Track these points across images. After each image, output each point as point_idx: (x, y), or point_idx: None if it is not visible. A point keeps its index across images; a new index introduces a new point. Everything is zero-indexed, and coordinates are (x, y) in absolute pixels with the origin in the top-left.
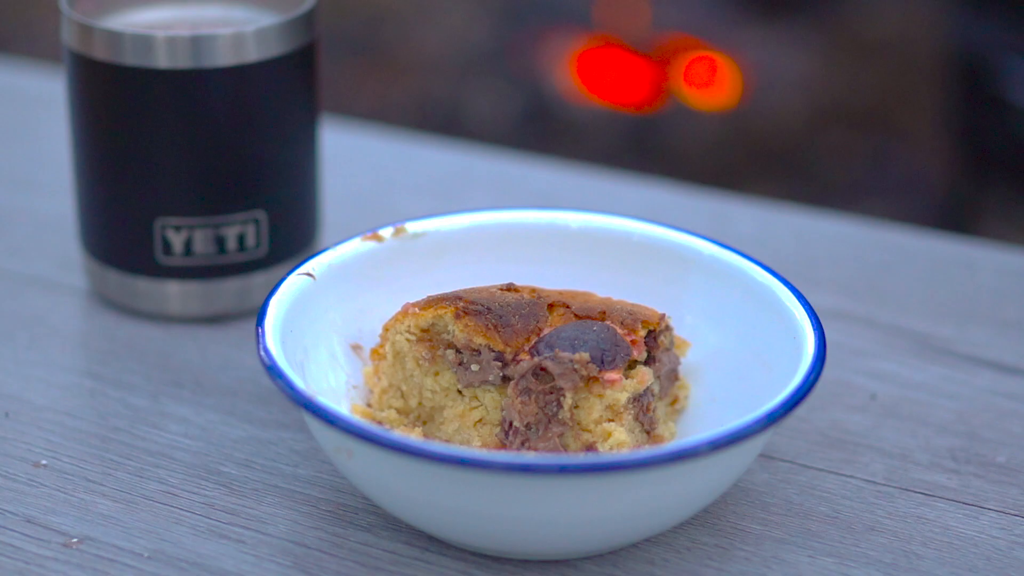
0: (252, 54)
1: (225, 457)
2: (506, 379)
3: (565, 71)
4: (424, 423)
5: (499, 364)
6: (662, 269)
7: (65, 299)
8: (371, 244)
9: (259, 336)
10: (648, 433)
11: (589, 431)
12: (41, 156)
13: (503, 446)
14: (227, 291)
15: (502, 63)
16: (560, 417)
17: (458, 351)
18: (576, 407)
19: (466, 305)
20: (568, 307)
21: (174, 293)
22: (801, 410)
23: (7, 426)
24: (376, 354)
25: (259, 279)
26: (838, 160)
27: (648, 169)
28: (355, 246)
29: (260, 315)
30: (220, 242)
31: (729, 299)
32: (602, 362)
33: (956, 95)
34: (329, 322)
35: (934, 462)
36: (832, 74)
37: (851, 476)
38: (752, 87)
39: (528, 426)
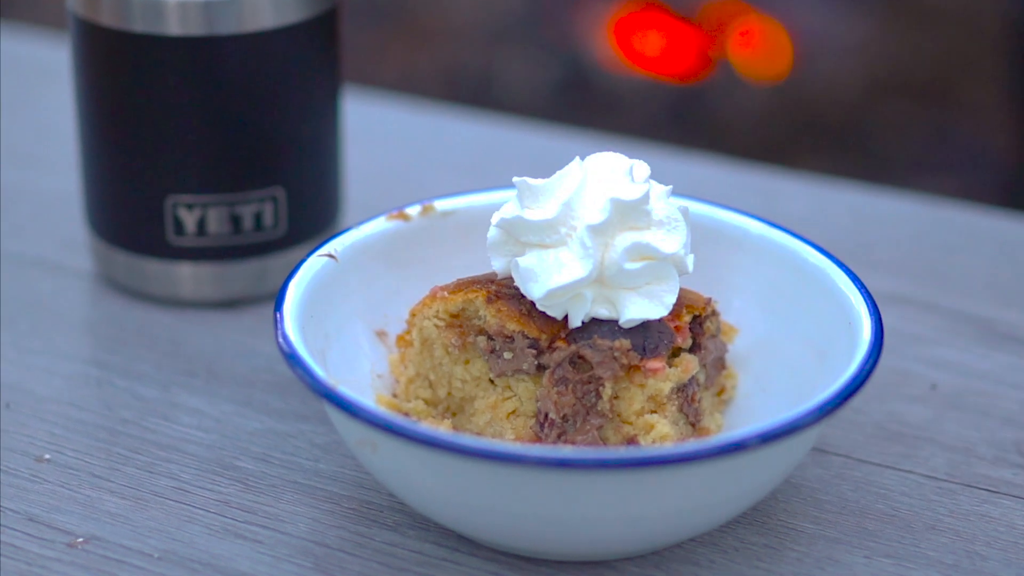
0: (270, 20)
1: (241, 451)
2: (541, 368)
3: (604, 38)
4: (453, 414)
5: (534, 352)
6: (708, 250)
7: (70, 282)
8: (397, 223)
9: (277, 322)
10: (693, 425)
11: (630, 423)
12: (45, 130)
13: (538, 439)
14: (243, 274)
15: (537, 30)
16: (599, 408)
17: (490, 338)
18: (616, 398)
19: (499, 289)
20: None
21: (186, 276)
22: (857, 401)
23: (8, 418)
24: (402, 341)
25: (277, 261)
26: (896, 134)
27: (692, 143)
28: (380, 225)
29: (278, 299)
30: (236, 221)
31: (780, 282)
32: (644, 350)
33: (1023, 64)
34: (352, 307)
35: (999, 456)
36: (890, 41)
37: (910, 471)
38: (805, 55)
39: (565, 418)
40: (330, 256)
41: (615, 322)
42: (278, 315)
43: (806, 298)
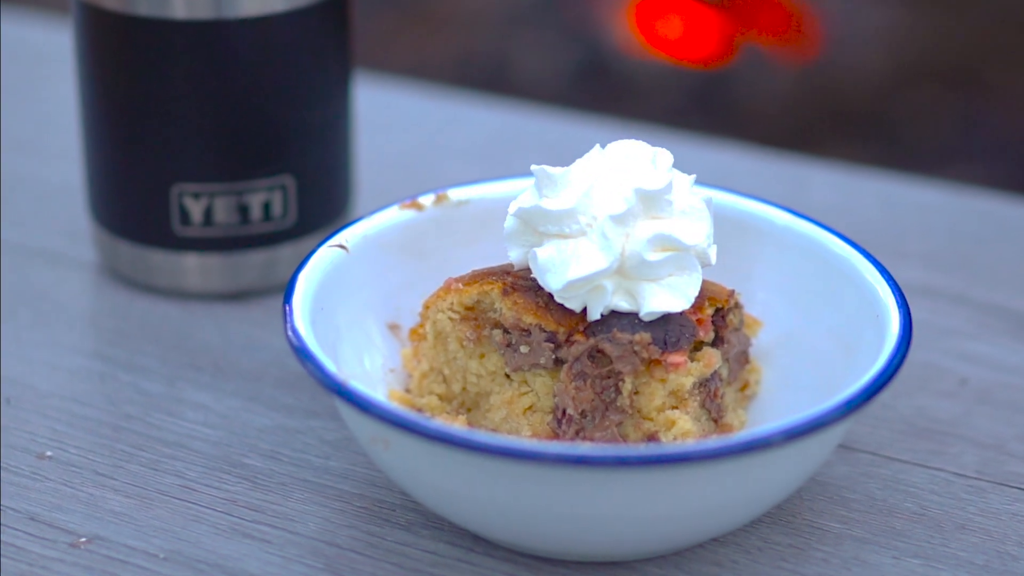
0: (279, 4)
1: (249, 448)
2: (559, 362)
3: (624, 21)
4: (468, 410)
5: (551, 345)
6: (731, 241)
7: (73, 274)
8: (410, 213)
9: (286, 314)
10: (716, 421)
11: (650, 419)
12: (47, 117)
13: (555, 436)
14: (251, 265)
15: (554, 13)
16: (618, 404)
17: (506, 331)
18: (636, 393)
19: (515, 280)
20: None
21: (193, 267)
22: (885, 396)
23: (9, 414)
24: (415, 334)
25: (286, 252)
26: (925, 121)
27: (716, 130)
28: (392, 215)
29: (287, 291)
30: (243, 211)
31: (805, 274)
32: (665, 343)
33: None
34: (364, 299)
35: None
36: (918, 26)
37: (940, 469)
38: (831, 40)
39: (583, 414)
40: (341, 247)
41: (635, 315)
42: (287, 308)
43: (832, 290)
